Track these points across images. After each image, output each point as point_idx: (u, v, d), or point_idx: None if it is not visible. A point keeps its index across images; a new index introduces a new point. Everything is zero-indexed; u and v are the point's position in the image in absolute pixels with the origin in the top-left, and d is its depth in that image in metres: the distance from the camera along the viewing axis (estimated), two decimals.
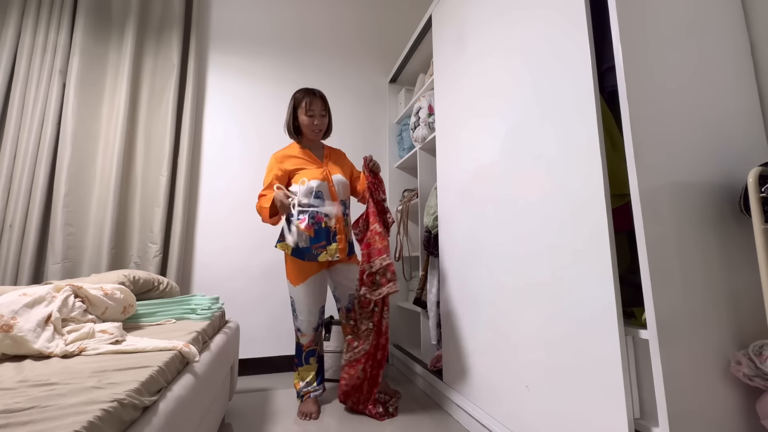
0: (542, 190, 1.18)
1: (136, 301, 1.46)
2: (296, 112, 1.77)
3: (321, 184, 1.71)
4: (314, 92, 1.76)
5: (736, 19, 1.16)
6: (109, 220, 2.14)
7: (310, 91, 1.76)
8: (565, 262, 1.08)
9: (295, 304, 1.74)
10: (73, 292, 1.19)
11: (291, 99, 1.80)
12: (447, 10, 1.89)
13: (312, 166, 1.76)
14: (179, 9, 2.43)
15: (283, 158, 1.76)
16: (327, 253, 1.68)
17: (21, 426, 0.57)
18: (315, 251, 1.68)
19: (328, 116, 1.81)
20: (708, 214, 0.98)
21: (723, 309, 0.95)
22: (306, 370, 1.76)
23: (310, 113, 1.74)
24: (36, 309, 1.06)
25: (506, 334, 1.33)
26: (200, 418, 1.05)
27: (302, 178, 1.70)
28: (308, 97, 1.74)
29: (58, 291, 1.16)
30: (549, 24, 1.18)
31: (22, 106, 2.15)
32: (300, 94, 1.77)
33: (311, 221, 1.67)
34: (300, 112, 1.75)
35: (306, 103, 1.73)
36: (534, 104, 1.24)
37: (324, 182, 1.72)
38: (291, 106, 1.78)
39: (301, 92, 1.77)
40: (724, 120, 1.06)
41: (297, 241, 1.65)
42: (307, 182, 1.69)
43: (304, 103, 1.74)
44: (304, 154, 1.78)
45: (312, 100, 1.74)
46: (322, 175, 1.73)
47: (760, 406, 0.89)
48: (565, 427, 1.06)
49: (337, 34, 2.81)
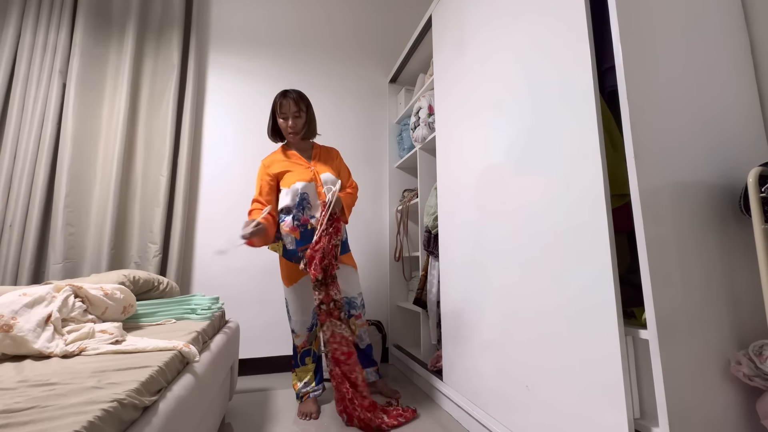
0: (542, 190, 1.18)
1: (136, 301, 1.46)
2: (275, 115, 1.76)
3: (307, 185, 1.69)
4: (287, 93, 1.73)
5: (736, 18, 1.16)
6: (109, 220, 2.14)
7: (284, 93, 1.74)
8: (565, 261, 1.08)
9: (289, 305, 1.75)
10: (73, 292, 1.19)
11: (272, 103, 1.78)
12: (447, 10, 1.89)
13: (299, 167, 1.74)
14: (179, 9, 2.43)
15: (270, 163, 1.77)
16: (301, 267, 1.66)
17: (21, 426, 0.57)
18: (300, 253, 1.67)
19: (306, 116, 1.77)
20: (708, 214, 0.98)
21: (723, 309, 0.95)
22: (303, 371, 1.76)
23: (283, 116, 1.72)
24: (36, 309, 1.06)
25: (506, 334, 1.33)
26: (200, 418, 1.05)
27: (289, 181, 1.70)
28: (281, 99, 1.72)
29: (58, 291, 1.16)
30: (549, 24, 1.18)
31: (22, 106, 2.15)
32: (277, 97, 1.75)
33: (296, 223, 1.67)
34: (278, 115, 1.74)
35: (279, 105, 1.72)
36: (534, 104, 1.24)
37: (311, 183, 1.70)
38: (271, 110, 1.77)
39: (278, 95, 1.75)
40: (724, 120, 1.06)
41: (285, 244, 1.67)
42: (292, 186, 1.68)
43: (278, 105, 1.73)
44: (291, 157, 1.78)
45: (283, 102, 1.72)
46: (310, 176, 1.72)
47: (760, 406, 0.88)
48: (565, 427, 1.06)
49: (337, 34, 2.81)
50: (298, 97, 1.74)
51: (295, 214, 1.67)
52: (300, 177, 1.70)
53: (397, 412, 1.59)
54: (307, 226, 1.68)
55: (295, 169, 1.74)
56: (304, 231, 1.67)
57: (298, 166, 1.75)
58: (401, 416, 1.58)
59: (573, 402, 1.04)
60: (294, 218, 1.67)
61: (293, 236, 1.67)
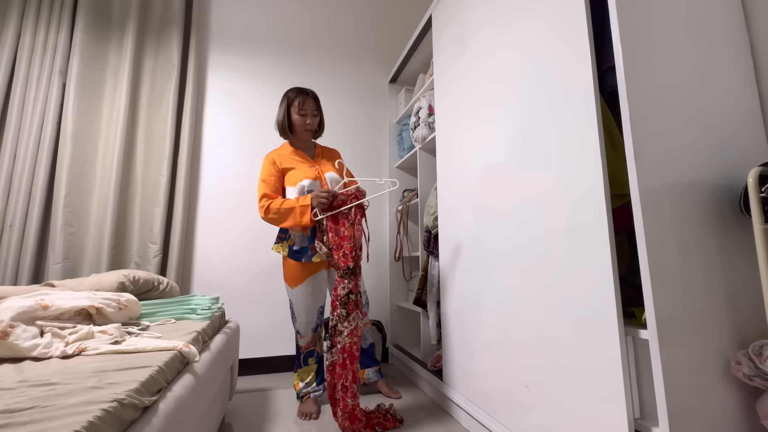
0: (542, 190, 1.18)
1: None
2: (289, 110, 1.77)
3: (313, 183, 1.70)
4: (307, 92, 1.77)
5: (736, 19, 1.16)
6: (109, 220, 2.14)
7: (303, 91, 1.77)
8: (565, 261, 1.08)
9: (294, 306, 1.74)
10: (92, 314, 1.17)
11: (284, 97, 1.79)
12: (447, 10, 1.89)
13: (304, 165, 1.76)
14: (179, 9, 2.43)
15: (277, 157, 1.76)
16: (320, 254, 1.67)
17: (21, 426, 0.57)
18: (311, 251, 1.68)
19: (320, 116, 1.82)
20: (708, 214, 0.98)
21: (723, 309, 0.95)
22: (305, 372, 1.76)
23: (303, 112, 1.74)
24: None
25: (506, 334, 1.32)
26: (200, 418, 1.05)
27: (293, 178, 1.70)
28: (301, 97, 1.75)
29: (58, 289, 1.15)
30: (549, 24, 1.18)
31: (22, 106, 2.15)
32: (293, 93, 1.77)
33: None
34: (293, 111, 1.75)
35: (299, 102, 1.74)
36: (534, 104, 1.24)
37: (316, 181, 1.71)
38: (285, 105, 1.77)
39: (293, 91, 1.77)
40: (724, 120, 1.06)
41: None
42: (299, 183, 1.68)
43: (297, 102, 1.74)
44: (296, 154, 1.78)
45: (305, 100, 1.75)
46: (314, 174, 1.72)
47: (760, 406, 0.88)
48: (565, 427, 1.06)
49: (337, 33, 2.81)
50: (315, 96, 1.79)
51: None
52: (305, 174, 1.71)
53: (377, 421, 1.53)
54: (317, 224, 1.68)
55: (299, 166, 1.74)
56: (313, 228, 1.68)
57: (302, 164, 1.76)
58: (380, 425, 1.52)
59: (573, 401, 1.04)
60: None
61: (306, 234, 1.68)
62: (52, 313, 1.09)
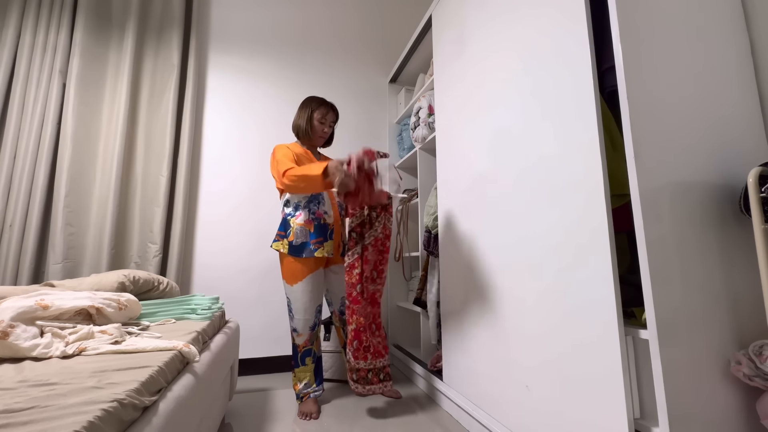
0: (542, 190, 1.18)
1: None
2: (311, 116, 1.84)
3: None
4: (329, 103, 1.88)
5: (736, 19, 1.16)
6: (109, 220, 2.14)
7: (329, 104, 1.87)
8: (566, 261, 1.08)
9: (292, 303, 1.75)
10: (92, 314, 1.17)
11: (307, 103, 1.85)
12: (447, 11, 1.89)
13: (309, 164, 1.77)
14: (179, 9, 2.43)
15: (291, 147, 1.80)
16: (323, 249, 1.70)
17: (21, 426, 0.57)
18: (313, 246, 1.69)
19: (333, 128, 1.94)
20: (708, 214, 0.98)
21: (723, 309, 0.95)
22: (302, 371, 1.76)
23: (323, 121, 1.84)
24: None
25: (506, 334, 1.33)
26: (200, 418, 1.05)
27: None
28: (325, 108, 1.86)
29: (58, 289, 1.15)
30: (549, 24, 1.18)
31: (22, 106, 2.15)
32: (316, 104, 1.85)
33: (311, 216, 1.72)
34: (315, 116, 1.83)
35: (323, 112, 1.84)
36: (534, 104, 1.24)
37: None
38: (308, 111, 1.84)
39: (318, 101, 1.86)
40: (724, 120, 1.06)
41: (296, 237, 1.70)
42: None
43: (321, 112, 1.84)
44: (307, 154, 1.83)
45: (329, 112, 1.87)
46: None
47: (760, 406, 0.89)
48: (565, 427, 1.06)
49: (337, 33, 2.81)
50: (336, 110, 1.91)
51: (310, 207, 1.73)
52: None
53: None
54: (321, 221, 1.73)
55: (308, 163, 1.77)
56: (318, 225, 1.72)
57: (308, 162, 1.79)
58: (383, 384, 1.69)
59: (573, 401, 1.04)
60: (309, 212, 1.73)
61: (308, 229, 1.71)
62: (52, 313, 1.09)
